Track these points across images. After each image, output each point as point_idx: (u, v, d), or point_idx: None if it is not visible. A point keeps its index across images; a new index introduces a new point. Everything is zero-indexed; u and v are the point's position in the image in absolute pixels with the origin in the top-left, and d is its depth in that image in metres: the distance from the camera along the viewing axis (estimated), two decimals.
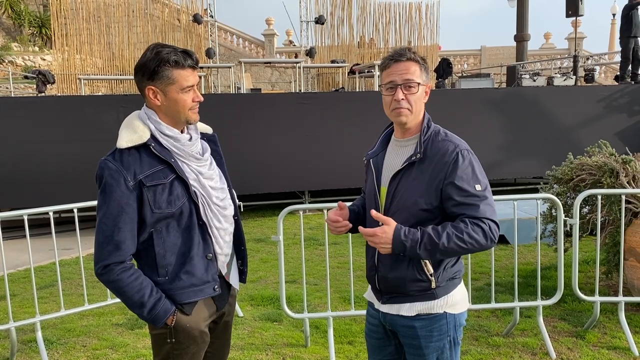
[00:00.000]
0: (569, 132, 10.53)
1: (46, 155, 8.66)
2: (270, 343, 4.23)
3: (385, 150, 2.22)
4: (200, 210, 2.09)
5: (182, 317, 2.09)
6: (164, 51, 2.01)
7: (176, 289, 2.08)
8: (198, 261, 2.10)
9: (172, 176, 2.05)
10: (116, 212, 1.99)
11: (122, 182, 1.99)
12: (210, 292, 2.15)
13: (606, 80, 19.47)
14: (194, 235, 2.10)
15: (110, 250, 2.00)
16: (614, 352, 3.90)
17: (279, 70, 19.10)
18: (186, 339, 2.10)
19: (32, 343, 4.27)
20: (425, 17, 19.35)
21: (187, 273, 2.08)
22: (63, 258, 6.76)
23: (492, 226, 1.98)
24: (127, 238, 2.01)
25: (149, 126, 2.07)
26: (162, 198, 2.02)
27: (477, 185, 2.00)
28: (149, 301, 2.02)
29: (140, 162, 2.03)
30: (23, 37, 23.85)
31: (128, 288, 2.01)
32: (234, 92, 14.25)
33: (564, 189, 5.15)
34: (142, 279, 2.04)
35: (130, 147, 2.03)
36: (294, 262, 6.42)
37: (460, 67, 22.44)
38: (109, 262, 2.00)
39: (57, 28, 16.63)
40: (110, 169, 2.00)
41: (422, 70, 2.08)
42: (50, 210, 4.07)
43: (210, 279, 2.14)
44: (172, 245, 2.07)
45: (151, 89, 2.05)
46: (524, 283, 5.26)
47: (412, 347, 2.12)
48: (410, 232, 1.98)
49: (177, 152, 2.09)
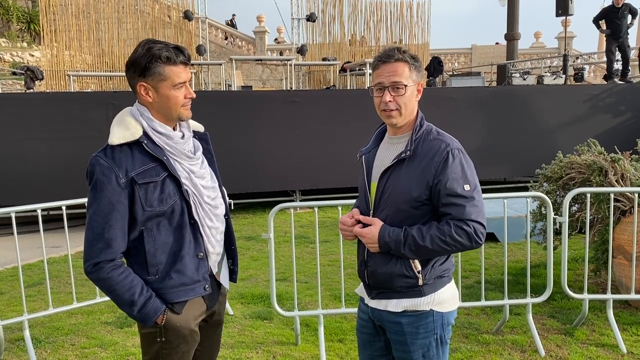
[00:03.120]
0: (558, 131, 10.60)
1: (34, 153, 8.58)
2: (260, 341, 4.22)
3: (378, 147, 2.23)
4: (192, 209, 2.08)
5: (172, 316, 2.07)
6: (155, 47, 1.99)
7: (166, 288, 2.06)
8: (189, 260, 2.09)
9: (164, 174, 2.03)
10: (107, 209, 1.97)
11: (114, 179, 1.96)
12: (200, 292, 2.13)
13: (595, 80, 19.60)
14: (185, 234, 2.08)
15: (100, 247, 1.97)
16: (602, 349, 3.93)
17: (270, 68, 19.05)
18: (176, 338, 2.09)
19: (20, 342, 4.23)
20: (417, 15, 19.39)
21: (177, 272, 2.07)
22: (51, 256, 6.71)
23: (478, 228, 1.99)
24: (117, 236, 1.99)
25: (142, 123, 2.05)
26: (153, 196, 2.01)
27: (465, 186, 2.00)
28: (139, 300, 2.00)
29: (132, 159, 2.00)
30: (11, 33, 23.60)
31: (118, 286, 1.99)
32: (225, 90, 14.19)
33: (553, 188, 5.18)
34: (132, 277, 2.02)
35: (122, 144, 2.01)
36: (285, 260, 6.41)
37: (451, 66, 22.49)
38: (99, 260, 1.97)
39: (46, 24, 16.47)
40: (102, 165, 1.97)
41: (412, 70, 2.07)
42: (38, 208, 4.03)
43: (201, 278, 2.13)
44: (162, 243, 2.05)
45: (142, 86, 2.02)
46: (513, 281, 5.29)
47: (398, 343, 2.14)
48: (394, 232, 2.02)
49: (169, 150, 2.07)
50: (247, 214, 9.72)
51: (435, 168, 2.00)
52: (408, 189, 2.03)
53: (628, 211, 4.66)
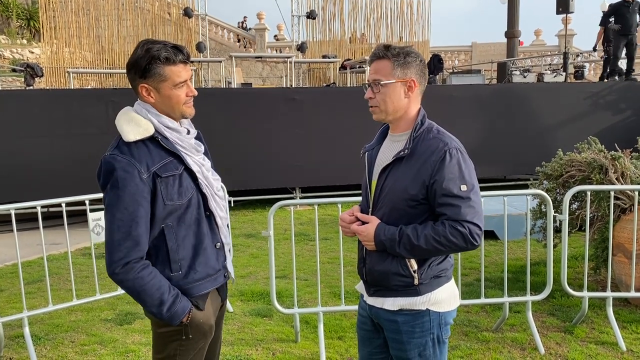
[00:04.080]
0: (558, 129, 10.58)
1: (34, 149, 8.57)
2: (260, 338, 4.23)
3: (381, 145, 2.23)
4: (207, 200, 2.11)
5: (196, 313, 2.08)
6: (154, 48, 1.98)
7: (192, 281, 2.06)
8: (211, 251, 2.12)
9: (182, 167, 2.05)
10: (132, 206, 1.93)
11: (137, 175, 1.95)
12: (222, 280, 2.18)
13: (596, 77, 19.57)
14: (203, 226, 2.10)
15: (129, 246, 1.93)
16: (601, 347, 3.94)
17: (270, 65, 19.03)
18: (197, 334, 2.10)
19: (20, 339, 4.23)
20: (417, 13, 19.35)
21: (202, 264, 2.09)
22: (51, 253, 6.70)
23: (473, 229, 1.96)
24: (144, 233, 1.97)
25: (151, 120, 2.05)
26: (173, 190, 2.02)
27: (462, 186, 1.97)
28: (168, 299, 1.98)
29: (150, 154, 2.01)
30: (11, 30, 23.58)
31: (148, 286, 1.95)
32: (225, 87, 14.17)
33: (553, 185, 5.17)
34: (160, 276, 2.00)
35: (137, 141, 2.01)
36: (285, 258, 6.41)
37: (451, 63, 22.48)
38: (129, 259, 1.93)
39: (46, 21, 16.44)
40: (121, 162, 1.95)
41: (395, 67, 2.04)
42: (38, 205, 4.02)
43: (221, 266, 2.18)
44: (183, 238, 2.06)
45: (144, 87, 2.03)
46: (513, 278, 5.29)
47: (394, 342, 2.14)
48: (389, 231, 2.02)
49: (180, 145, 2.09)
50: (246, 211, 9.72)
51: (432, 167, 1.98)
52: (405, 187, 2.02)
53: (628, 209, 4.65)
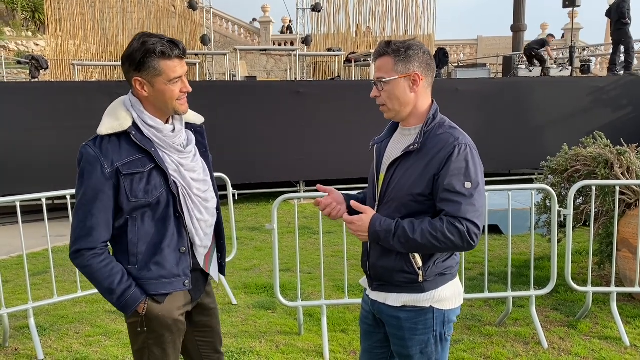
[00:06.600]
0: (564, 123, 10.53)
1: (39, 141, 8.59)
2: (263, 331, 4.24)
3: (390, 138, 2.19)
4: (179, 201, 2.07)
5: (153, 305, 2.07)
6: (150, 41, 1.96)
7: (145, 279, 2.06)
8: (169, 253, 2.08)
9: (151, 165, 2.03)
10: (90, 198, 1.99)
11: (99, 169, 1.97)
12: (179, 287, 2.11)
13: (602, 72, 19.45)
14: (168, 227, 2.07)
15: (82, 235, 2.00)
16: (605, 342, 3.93)
17: (275, 58, 19.00)
18: (159, 327, 2.09)
19: (25, 329, 4.26)
20: (422, 6, 19.26)
21: (156, 264, 2.06)
22: (56, 245, 6.73)
23: (471, 228, 1.91)
24: (99, 225, 2.00)
25: (132, 114, 2.05)
26: (139, 187, 2.00)
27: (466, 183, 1.93)
28: (118, 288, 2.01)
29: (120, 149, 2.01)
30: (16, 22, 23.61)
31: (98, 274, 2.01)
32: (229, 80, 14.16)
33: (558, 180, 5.16)
34: (112, 265, 2.03)
35: (111, 134, 2.01)
36: (288, 251, 6.42)
37: (456, 57, 22.39)
38: (80, 247, 2.01)
39: (51, 13, 16.47)
40: (89, 154, 1.99)
41: (397, 62, 2.00)
42: (43, 197, 4.03)
43: (181, 273, 2.11)
44: (145, 234, 2.05)
45: (138, 80, 2.01)
46: (517, 273, 5.29)
47: (396, 338, 2.12)
48: (385, 222, 1.97)
49: (158, 142, 2.06)
50: (250, 204, 9.74)
51: (440, 162, 1.94)
52: (413, 182, 1.98)
53: (633, 204, 4.64)
